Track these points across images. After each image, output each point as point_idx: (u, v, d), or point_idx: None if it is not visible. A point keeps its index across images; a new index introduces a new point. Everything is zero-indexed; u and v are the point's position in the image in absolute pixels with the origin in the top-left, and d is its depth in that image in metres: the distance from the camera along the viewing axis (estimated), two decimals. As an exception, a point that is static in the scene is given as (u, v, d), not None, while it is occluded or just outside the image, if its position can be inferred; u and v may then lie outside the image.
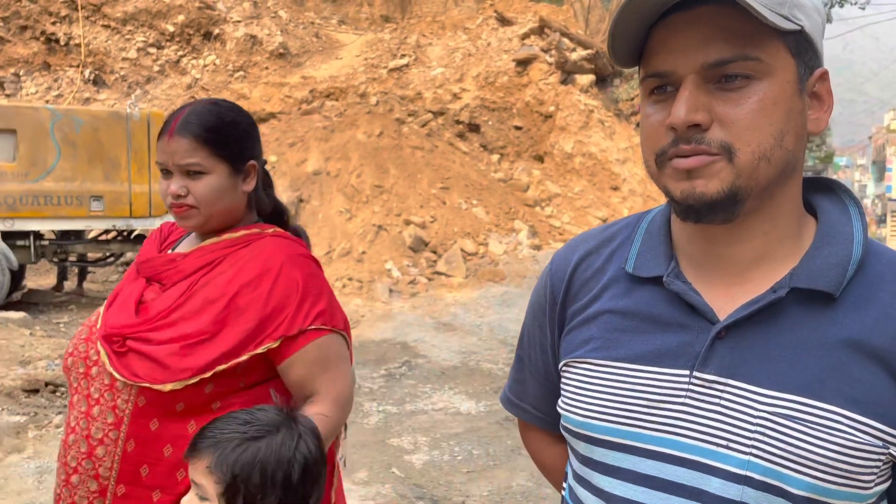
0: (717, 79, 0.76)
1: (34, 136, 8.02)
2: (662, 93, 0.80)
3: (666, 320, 0.84)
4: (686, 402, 0.80)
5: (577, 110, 13.36)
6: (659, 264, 0.86)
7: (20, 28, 14.65)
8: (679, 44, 0.77)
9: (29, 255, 8.28)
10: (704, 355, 0.80)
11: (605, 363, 0.87)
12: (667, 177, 0.80)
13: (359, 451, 4.50)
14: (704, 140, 0.76)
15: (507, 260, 10.01)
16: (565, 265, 0.96)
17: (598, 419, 0.85)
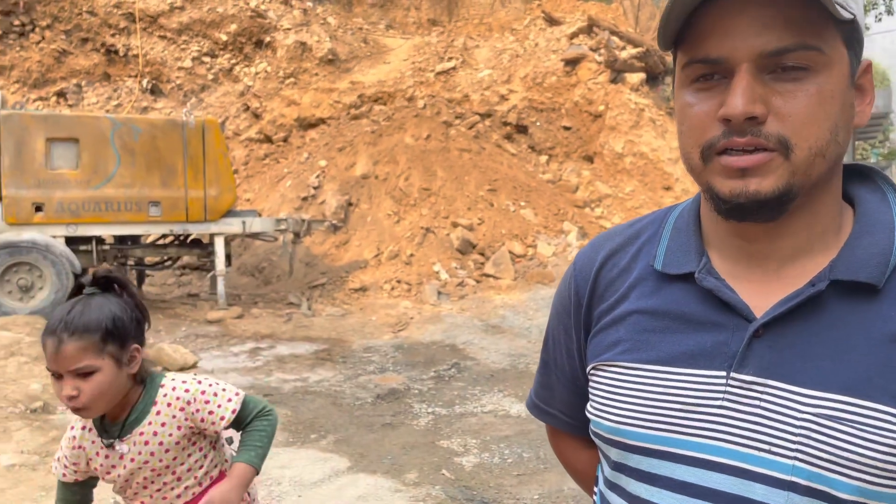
0: (772, 68, 0.72)
1: (95, 144, 8.32)
2: (709, 81, 0.75)
3: (699, 319, 0.80)
4: (724, 405, 0.76)
5: (628, 109, 13.16)
6: (689, 260, 0.82)
7: (81, 40, 15.23)
8: (734, 29, 0.72)
9: (91, 259, 8.58)
10: (742, 355, 0.76)
11: (636, 366, 0.83)
12: (713, 172, 0.75)
13: (409, 452, 4.51)
14: (761, 133, 0.72)
15: (557, 262, 9.92)
16: (590, 264, 0.92)
17: (632, 425, 0.82)
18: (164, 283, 11.12)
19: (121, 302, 1.60)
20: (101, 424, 1.66)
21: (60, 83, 15.06)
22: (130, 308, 1.61)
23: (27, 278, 7.96)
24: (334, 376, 6.31)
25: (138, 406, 1.64)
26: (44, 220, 8.14)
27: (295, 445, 4.64)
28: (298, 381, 6.16)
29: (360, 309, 9.12)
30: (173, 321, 8.49)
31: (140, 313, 1.63)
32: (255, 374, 6.37)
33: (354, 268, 10.14)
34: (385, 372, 6.48)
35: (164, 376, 1.69)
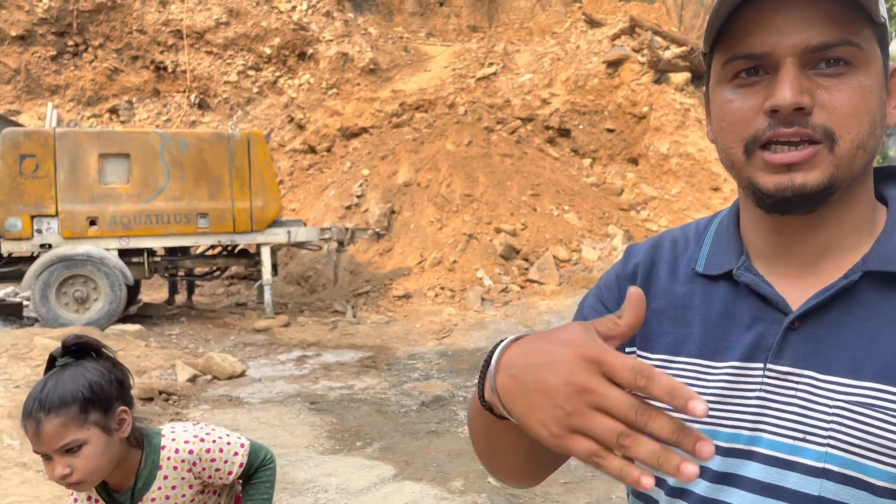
0: (815, 63, 0.74)
1: (146, 159, 8.55)
2: (751, 76, 0.76)
3: (738, 314, 0.82)
4: (761, 396, 0.78)
5: (673, 109, 12.93)
6: (729, 260, 0.85)
7: (132, 58, 15.72)
8: (778, 25, 0.74)
9: (143, 270, 8.81)
10: (778, 347, 0.78)
11: (676, 359, 0.85)
12: (755, 167, 0.77)
13: (454, 459, 4.49)
14: (808, 124, 0.74)
15: (602, 266, 9.78)
16: (637, 255, 0.95)
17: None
18: (212, 293, 11.35)
19: (97, 366, 1.51)
20: (108, 494, 1.60)
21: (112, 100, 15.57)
22: (108, 370, 1.52)
23: (82, 290, 8.22)
24: (379, 384, 6.33)
25: (143, 472, 1.58)
26: (98, 233, 8.39)
27: (341, 453, 4.66)
28: (344, 388, 6.20)
29: (405, 316, 9.15)
30: (222, 330, 8.64)
31: (121, 372, 1.55)
32: (302, 381, 6.43)
33: (398, 275, 10.18)
34: (430, 379, 6.47)
35: (160, 434, 1.62)
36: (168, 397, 5.81)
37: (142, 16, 15.54)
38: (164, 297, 10.51)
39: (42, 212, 8.25)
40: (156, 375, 6.21)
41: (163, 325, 8.82)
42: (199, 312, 9.71)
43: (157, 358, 6.75)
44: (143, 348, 7.10)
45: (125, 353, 6.72)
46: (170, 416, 5.44)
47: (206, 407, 5.65)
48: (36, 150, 8.22)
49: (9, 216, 8.14)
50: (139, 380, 6.04)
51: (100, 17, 15.44)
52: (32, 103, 15.04)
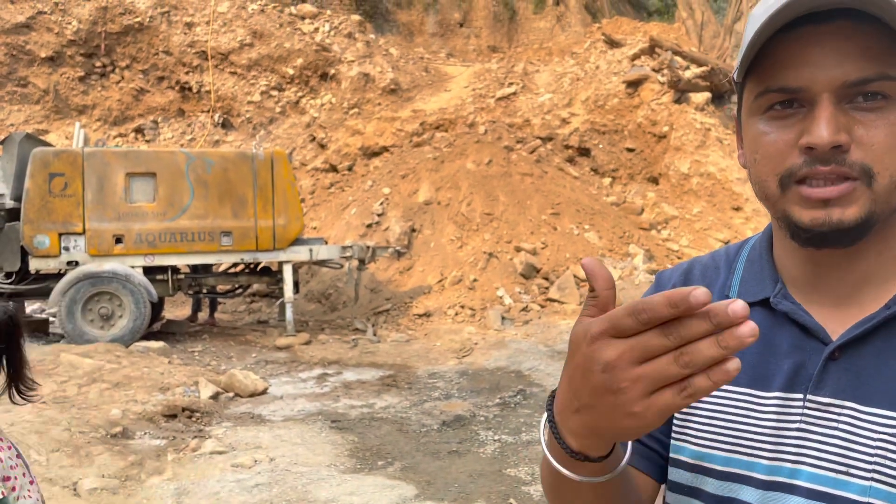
0: (852, 98, 0.73)
1: (171, 178, 8.69)
2: (786, 109, 0.75)
3: (775, 342, 0.81)
4: (802, 428, 0.77)
5: (693, 129, 12.91)
6: (764, 287, 0.84)
7: (158, 79, 16.02)
8: (813, 58, 0.73)
9: (167, 288, 8.92)
10: (818, 377, 0.77)
11: (726, 388, 0.83)
12: (791, 202, 0.75)
13: (476, 480, 4.47)
14: (846, 162, 0.72)
15: (623, 285, 9.73)
16: (669, 280, 0.95)
17: (715, 448, 0.82)
18: (234, 310, 11.45)
19: None
20: None
21: (138, 120, 15.85)
22: None
23: (108, 307, 8.33)
24: (400, 402, 6.33)
25: None
26: (123, 251, 8.52)
27: (362, 472, 4.66)
28: (365, 407, 6.21)
29: (425, 335, 9.15)
30: (244, 348, 8.71)
31: None
32: (323, 399, 6.45)
33: (418, 293, 10.21)
34: (450, 398, 6.47)
35: None
36: (191, 414, 5.85)
37: (168, 37, 15.86)
38: (186, 314, 10.61)
39: (70, 230, 8.39)
40: (179, 392, 6.27)
41: (186, 341, 8.90)
42: (221, 329, 9.78)
43: (181, 375, 6.80)
44: (166, 365, 7.17)
45: (149, 370, 6.80)
46: (193, 432, 5.48)
47: (229, 424, 5.69)
48: (65, 170, 8.39)
49: (37, 234, 8.29)
50: (163, 397, 6.10)
51: (127, 38, 15.78)
52: (60, 123, 15.36)
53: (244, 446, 5.09)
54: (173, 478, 4.52)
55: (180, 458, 4.87)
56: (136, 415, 5.61)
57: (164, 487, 4.37)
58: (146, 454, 4.89)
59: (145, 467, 4.68)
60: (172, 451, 5.00)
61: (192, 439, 5.24)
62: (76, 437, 4.96)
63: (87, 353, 7.08)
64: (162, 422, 5.62)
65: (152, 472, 4.63)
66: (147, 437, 5.26)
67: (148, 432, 5.36)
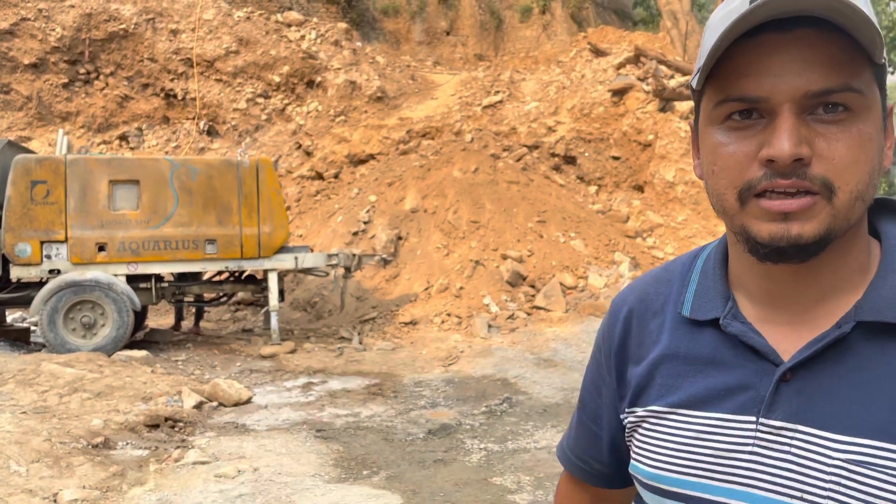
0: (813, 109, 0.70)
1: (155, 185, 8.63)
2: (745, 119, 0.73)
3: (727, 364, 0.79)
4: (755, 451, 0.75)
5: (678, 137, 13.01)
6: (715, 306, 0.82)
7: (142, 86, 15.93)
8: (775, 67, 0.70)
9: (150, 296, 8.84)
10: (770, 400, 0.75)
11: (668, 410, 0.83)
12: (750, 215, 0.73)
13: (461, 489, 4.45)
14: (807, 175, 0.70)
15: (609, 293, 9.76)
16: (620, 308, 0.93)
17: (668, 470, 0.81)
18: (219, 318, 11.36)
19: None
20: None
21: (123, 127, 15.75)
22: None
23: (90, 316, 8.24)
24: (385, 411, 6.30)
25: None
26: (106, 259, 8.44)
27: (347, 482, 4.63)
28: (350, 416, 6.17)
29: (411, 343, 9.13)
30: (228, 356, 8.64)
31: None
32: (308, 409, 6.41)
33: (405, 301, 10.18)
34: (436, 407, 6.44)
35: None
36: (174, 424, 5.79)
37: (153, 44, 15.79)
38: (169, 322, 10.52)
39: (52, 237, 8.31)
40: (162, 402, 6.20)
41: (169, 350, 8.82)
42: (205, 338, 9.71)
43: (164, 384, 6.74)
44: (149, 374, 7.10)
45: (131, 380, 6.72)
46: (175, 442, 5.42)
47: (212, 434, 5.63)
48: (47, 177, 8.31)
49: (18, 241, 8.20)
50: (145, 406, 6.03)
51: (111, 45, 15.68)
52: (43, 130, 15.23)
53: (227, 456, 5.04)
54: (155, 488, 4.47)
55: (163, 469, 4.81)
56: (118, 425, 5.54)
57: (146, 498, 4.32)
58: (128, 464, 4.83)
59: (127, 478, 4.62)
60: (155, 462, 4.94)
61: (175, 449, 5.18)
62: (57, 448, 4.89)
63: (68, 362, 6.99)
64: (144, 432, 5.56)
65: (134, 482, 4.57)
66: (129, 448, 5.20)
67: (130, 442, 5.29)
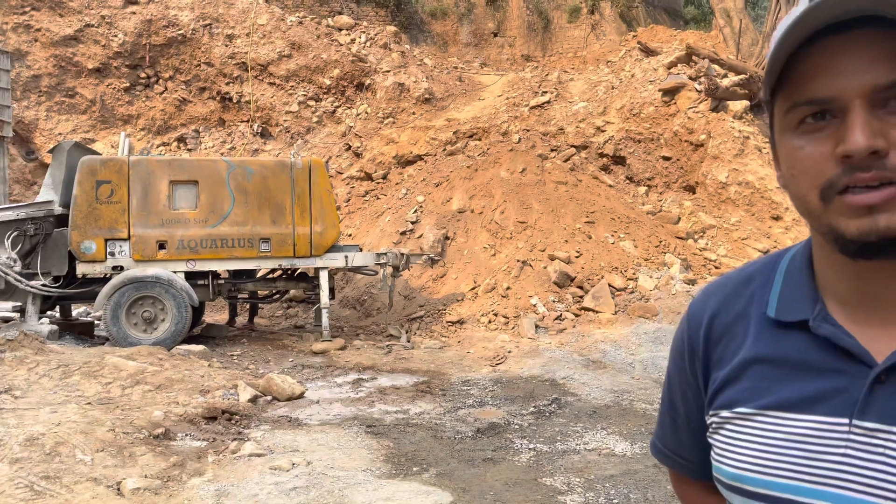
0: (885, 102, 0.71)
1: (212, 185, 8.90)
2: (819, 121, 0.74)
3: (818, 366, 0.79)
4: (847, 453, 0.75)
5: (731, 137, 12.75)
6: (804, 307, 0.81)
7: (199, 89, 16.39)
8: (840, 67, 0.72)
9: (208, 292, 9.12)
10: (864, 402, 0.75)
11: (756, 412, 0.82)
12: (835, 213, 0.73)
13: (511, 488, 4.48)
14: (886, 167, 0.71)
15: (659, 295, 9.65)
16: (702, 312, 0.93)
17: (753, 471, 0.81)
18: (272, 315, 11.63)
19: None
20: None
21: (181, 129, 16.23)
22: None
23: (151, 311, 8.55)
24: (434, 409, 6.37)
25: None
26: (166, 256, 8.74)
27: (398, 478, 4.70)
28: (399, 412, 6.26)
29: (458, 342, 9.19)
30: (281, 352, 8.84)
31: None
32: (358, 405, 6.52)
33: (452, 301, 10.25)
34: (484, 406, 6.48)
35: None
36: (231, 417, 5.97)
37: (209, 49, 16.23)
38: (225, 318, 10.81)
39: (115, 235, 8.64)
40: (219, 395, 6.40)
41: (225, 345, 9.07)
42: (259, 334, 9.95)
43: (220, 378, 6.94)
44: (206, 368, 7.32)
45: (190, 373, 6.95)
46: (232, 435, 5.59)
47: (267, 427, 5.79)
48: (111, 177, 8.65)
49: (84, 239, 8.56)
50: (203, 399, 6.23)
51: (170, 50, 16.18)
52: (106, 132, 15.81)
53: (282, 449, 5.18)
54: (213, 479, 4.62)
55: (220, 460, 4.97)
56: (178, 416, 5.74)
57: (204, 488, 4.47)
58: (187, 455, 5.00)
59: (186, 468, 4.78)
60: (212, 453, 5.10)
61: (232, 441, 5.34)
62: (120, 438, 5.10)
63: (130, 355, 7.26)
64: (202, 424, 5.74)
65: (193, 473, 4.73)
66: (188, 439, 5.38)
67: (189, 434, 5.47)
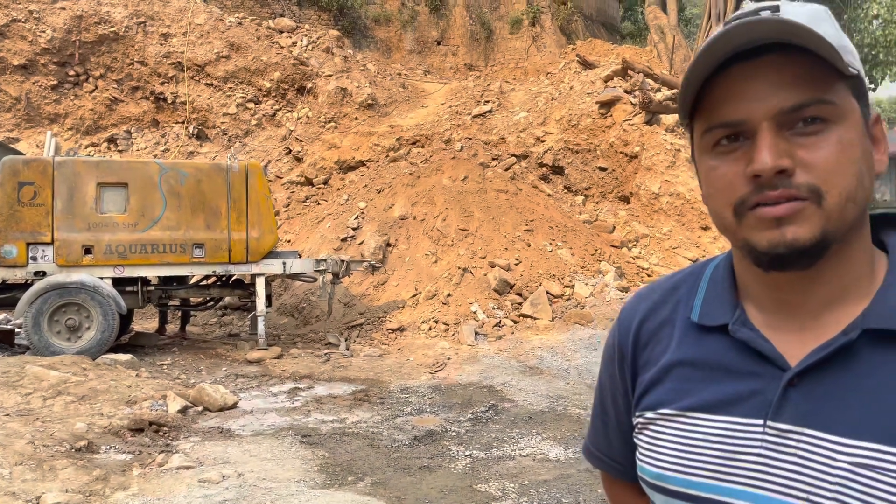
0: (792, 124, 0.75)
1: (143, 188, 8.61)
2: (732, 143, 0.78)
3: (736, 368, 0.82)
4: (762, 454, 0.78)
5: (664, 150, 13.14)
6: (725, 312, 0.85)
7: (132, 89, 15.88)
8: (749, 92, 0.76)
9: (137, 300, 8.80)
10: (777, 404, 0.78)
11: (678, 413, 0.86)
12: (748, 228, 0.77)
13: (446, 495, 4.47)
14: (792, 185, 0.75)
15: (594, 302, 9.83)
16: (631, 317, 0.97)
17: (674, 470, 0.84)
18: (205, 323, 11.32)
19: None
20: None
21: (111, 130, 15.68)
22: None
23: (75, 318, 8.19)
24: (372, 417, 6.31)
25: None
26: (92, 262, 8.40)
27: (332, 487, 4.63)
28: (336, 421, 6.18)
29: (398, 349, 9.14)
30: (214, 361, 8.61)
31: None
32: (294, 414, 6.40)
33: (392, 308, 10.20)
34: (422, 413, 6.46)
35: None
36: (158, 429, 5.77)
37: (143, 48, 15.76)
38: (155, 326, 10.47)
39: (38, 239, 8.26)
40: (146, 406, 6.18)
41: (154, 354, 8.78)
42: (191, 343, 9.67)
43: (148, 388, 6.71)
44: (133, 378, 7.06)
45: (116, 384, 6.69)
46: (160, 447, 5.40)
47: (197, 439, 5.62)
48: (35, 178, 8.27)
49: (5, 243, 8.15)
50: (129, 410, 6.01)
51: (101, 48, 15.64)
52: (32, 131, 15.14)
53: (212, 461, 5.03)
54: (139, 493, 4.45)
55: (146, 473, 4.80)
56: (102, 428, 5.51)
57: (129, 503, 4.30)
58: (111, 469, 4.81)
59: (110, 482, 4.60)
60: (138, 466, 4.92)
61: (159, 454, 5.16)
62: (40, 451, 4.86)
63: (52, 364, 6.95)
64: (128, 436, 5.54)
65: (117, 487, 4.55)
66: (112, 452, 5.18)
67: (113, 446, 5.27)
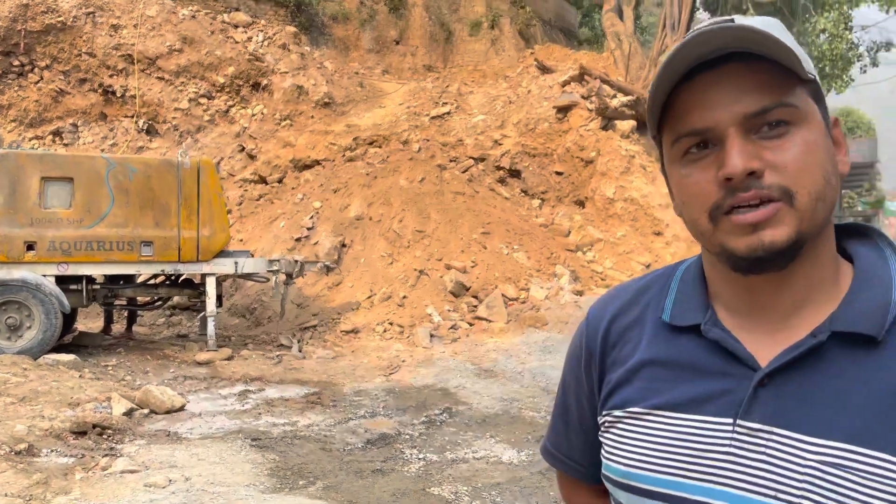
0: (758, 128, 0.77)
1: (90, 183, 8.34)
2: (702, 150, 0.80)
3: (707, 368, 0.83)
4: (731, 451, 0.79)
5: (619, 156, 13.35)
6: (696, 313, 0.87)
7: (79, 81, 15.39)
8: (714, 100, 0.78)
9: (81, 298, 8.51)
10: (748, 403, 0.79)
11: (647, 411, 0.86)
12: (724, 233, 0.79)
13: (399, 499, 4.44)
14: (763, 186, 0.76)
15: (549, 305, 9.92)
16: (601, 317, 0.97)
17: (641, 468, 0.84)
18: (153, 323, 11.03)
19: None
20: None
21: (57, 122, 15.16)
22: None
23: (16, 317, 7.89)
24: (324, 420, 6.23)
25: None
26: (35, 258, 8.10)
27: (283, 492, 4.55)
28: (287, 425, 6.08)
29: (352, 351, 9.06)
30: (161, 362, 8.39)
31: None
32: (244, 417, 6.28)
33: (346, 309, 10.10)
34: (376, 416, 6.41)
35: None
36: (102, 431, 5.59)
37: (92, 39, 15.28)
38: (100, 326, 10.16)
39: (-24, 234, 7.93)
40: (90, 408, 5.98)
41: (99, 355, 8.51)
42: (137, 343, 9.41)
43: (92, 390, 6.50)
44: (77, 379, 6.84)
45: (58, 385, 6.46)
46: (103, 451, 5.23)
47: (143, 442, 5.46)
48: (-27, 171, 7.94)
49: (-60, 238, 7.80)
50: (72, 412, 5.80)
51: (48, 38, 15.11)
52: (-29, 122, 14.54)
53: (158, 465, 4.90)
54: (81, 497, 4.30)
55: (89, 478, 4.64)
56: (43, 431, 5.31)
57: (69, 509, 4.15)
58: (52, 472, 4.63)
59: (51, 486, 4.43)
60: (81, 470, 4.76)
61: (103, 457, 5.00)
62: (-26, 456, 4.66)
63: (-11, 365, 6.67)
64: (70, 439, 5.35)
65: (58, 491, 4.39)
66: (54, 455, 4.99)
67: (55, 450, 5.08)
